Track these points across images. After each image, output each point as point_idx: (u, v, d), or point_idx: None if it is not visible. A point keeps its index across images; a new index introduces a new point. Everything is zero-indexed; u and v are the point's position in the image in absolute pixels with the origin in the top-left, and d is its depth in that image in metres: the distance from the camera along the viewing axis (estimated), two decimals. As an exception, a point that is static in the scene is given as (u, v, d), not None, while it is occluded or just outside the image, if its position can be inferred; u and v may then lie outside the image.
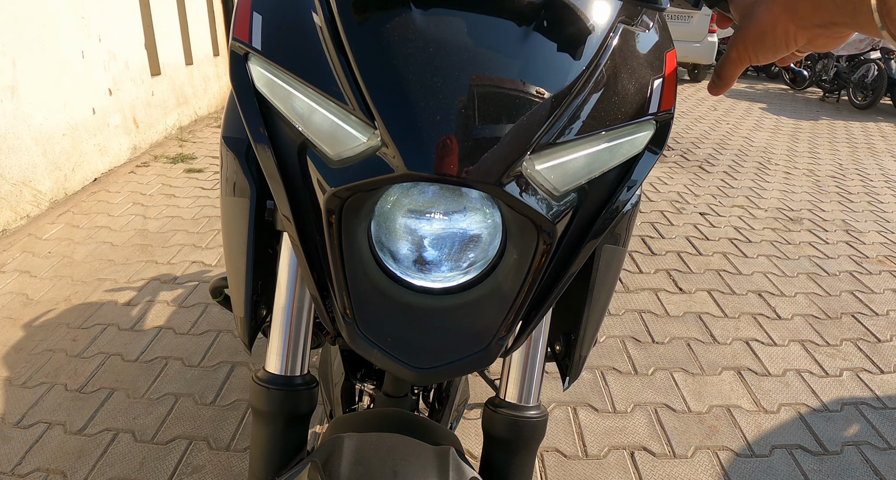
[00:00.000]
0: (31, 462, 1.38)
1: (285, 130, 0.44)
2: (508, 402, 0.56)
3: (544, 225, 0.41)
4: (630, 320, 2.09)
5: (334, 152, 0.41)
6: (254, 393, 0.54)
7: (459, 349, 0.44)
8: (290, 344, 0.53)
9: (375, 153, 0.39)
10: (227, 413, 1.53)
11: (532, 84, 0.39)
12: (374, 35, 0.39)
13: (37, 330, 1.93)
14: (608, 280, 0.57)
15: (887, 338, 2.09)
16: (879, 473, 1.47)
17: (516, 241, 0.43)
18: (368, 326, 0.44)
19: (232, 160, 0.54)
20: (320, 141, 0.41)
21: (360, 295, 0.44)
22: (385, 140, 0.38)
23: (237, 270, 0.55)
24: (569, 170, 0.41)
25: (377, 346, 0.43)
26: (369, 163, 0.39)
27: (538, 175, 0.40)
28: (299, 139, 0.43)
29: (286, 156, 0.44)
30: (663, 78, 0.47)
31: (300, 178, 0.44)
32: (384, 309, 0.44)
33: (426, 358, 0.44)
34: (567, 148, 0.41)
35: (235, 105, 0.58)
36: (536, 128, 0.39)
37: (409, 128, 0.37)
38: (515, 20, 0.41)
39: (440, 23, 0.39)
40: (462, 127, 0.37)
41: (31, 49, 2.82)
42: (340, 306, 0.43)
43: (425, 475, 0.44)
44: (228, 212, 0.56)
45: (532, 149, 0.39)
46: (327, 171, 0.40)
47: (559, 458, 1.44)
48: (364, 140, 0.40)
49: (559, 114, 0.40)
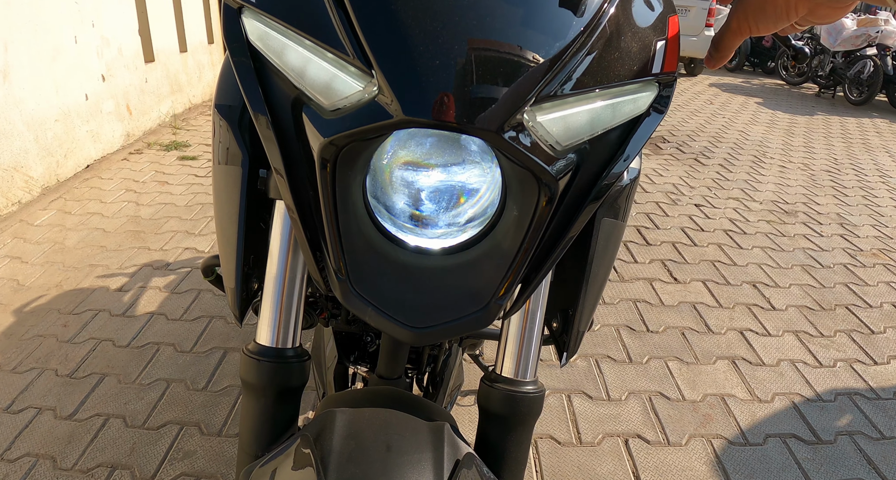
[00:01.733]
0: (20, 447, 1.37)
1: (279, 86, 0.43)
2: (505, 377, 0.55)
3: (545, 178, 0.39)
4: (625, 309, 2.09)
5: (330, 102, 0.40)
6: (244, 366, 0.52)
7: (457, 308, 0.43)
8: (281, 315, 0.52)
9: (373, 100, 0.38)
10: (219, 399, 1.52)
11: (535, 34, 0.38)
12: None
13: (27, 315, 1.91)
14: (607, 254, 0.56)
15: (881, 330, 2.10)
16: (872, 463, 1.48)
17: (516, 197, 0.42)
18: (363, 284, 0.43)
19: (225, 128, 0.53)
20: (316, 92, 0.40)
21: (354, 253, 0.42)
22: (382, 86, 0.37)
23: (228, 239, 0.54)
24: (571, 124, 0.40)
25: (371, 305, 0.42)
26: (366, 111, 0.38)
27: (540, 127, 0.39)
28: (293, 94, 0.42)
29: (280, 113, 0.42)
30: (666, 40, 0.45)
31: (294, 135, 0.42)
32: (379, 268, 0.43)
33: (423, 318, 0.43)
34: (569, 101, 0.40)
35: (228, 72, 0.57)
36: (539, 78, 0.38)
37: (407, 74, 0.36)
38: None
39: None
40: (462, 73, 0.36)
41: (23, 33, 2.78)
42: (334, 263, 0.42)
43: (419, 450, 0.43)
44: (220, 180, 0.55)
45: (534, 99, 0.38)
46: (322, 122, 0.39)
47: (553, 445, 1.44)
48: (361, 87, 0.39)
49: (561, 67, 0.39)
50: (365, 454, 0.41)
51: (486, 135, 0.37)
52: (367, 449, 0.42)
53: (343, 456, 0.41)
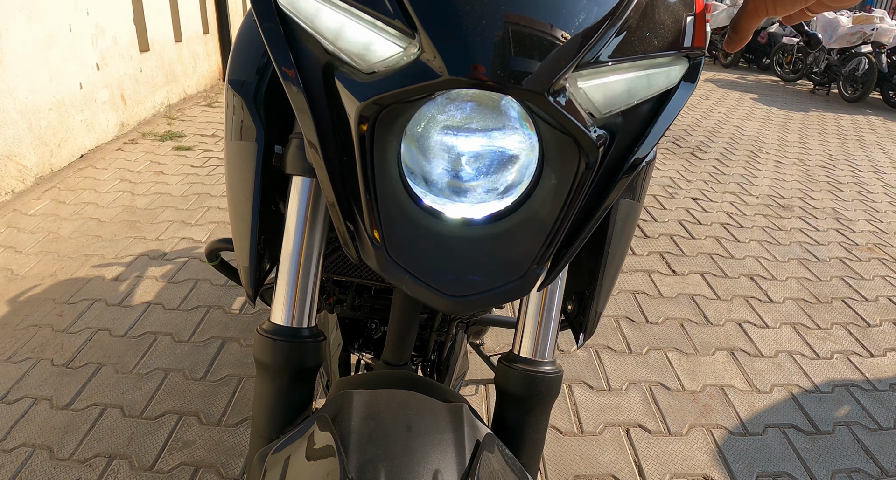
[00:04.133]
0: (16, 438, 1.35)
1: (310, 51, 0.41)
2: (523, 357, 0.55)
3: (586, 143, 0.39)
4: (624, 300, 2.09)
5: (367, 64, 0.38)
6: (258, 346, 0.51)
7: (494, 278, 0.42)
8: (297, 294, 0.51)
9: (416, 59, 0.37)
10: (218, 389, 1.51)
11: (576, 2, 0.37)
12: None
13: (22, 305, 1.88)
14: (625, 233, 0.56)
15: (877, 323, 2.11)
16: (870, 453, 1.49)
17: (555, 165, 0.41)
18: (399, 252, 0.41)
19: (239, 103, 0.51)
20: (353, 55, 0.39)
21: (390, 221, 0.41)
22: (426, 46, 0.36)
23: (242, 216, 0.53)
24: (610, 92, 0.40)
25: (409, 273, 0.41)
26: (409, 71, 0.37)
27: (581, 93, 0.39)
28: (325, 59, 0.41)
29: (310, 79, 0.41)
30: (695, 15, 0.45)
31: (325, 103, 0.41)
32: (415, 236, 0.42)
33: (460, 287, 0.42)
34: (609, 69, 0.40)
35: (242, 47, 0.55)
36: (582, 43, 0.37)
37: (453, 33, 0.35)
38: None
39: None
40: (507, 35, 0.36)
41: (16, 20, 2.73)
42: (370, 231, 0.41)
43: (440, 430, 0.42)
44: (234, 156, 0.53)
45: (577, 65, 0.37)
46: (358, 86, 0.38)
47: (555, 434, 1.43)
48: (402, 48, 0.37)
49: (602, 35, 0.38)
50: (385, 434, 0.41)
51: (532, 97, 0.37)
52: (388, 430, 0.41)
53: (363, 437, 0.40)
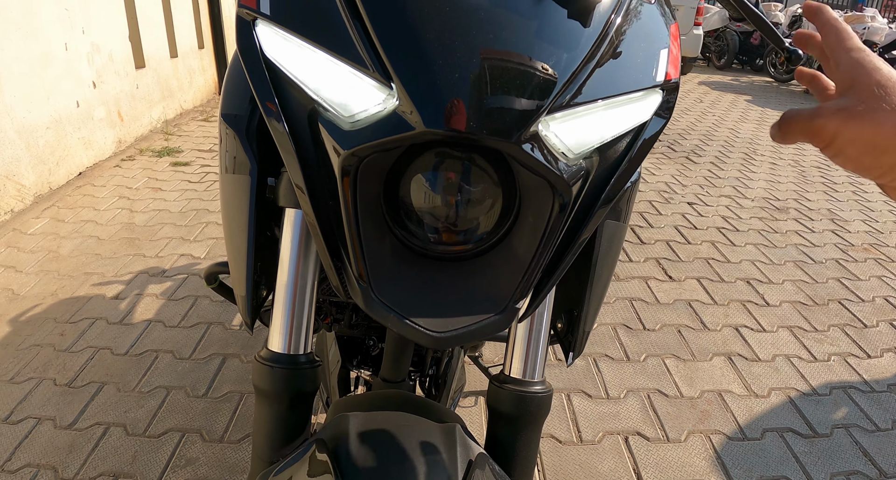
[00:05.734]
0: (21, 458, 1.36)
1: (295, 97, 0.43)
2: (513, 378, 0.56)
3: (559, 185, 0.40)
4: (621, 308, 2.11)
5: (349, 114, 0.40)
6: (257, 372, 0.53)
7: (476, 313, 0.44)
8: (292, 322, 0.52)
9: (393, 112, 0.39)
10: (220, 405, 1.52)
11: (546, 47, 0.39)
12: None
13: (23, 325, 1.89)
14: (611, 254, 0.57)
15: (873, 324, 2.13)
16: (868, 454, 1.50)
17: (531, 204, 0.43)
18: (384, 290, 0.43)
19: (232, 137, 0.53)
20: (334, 105, 0.41)
21: (374, 260, 0.43)
22: (402, 98, 0.38)
23: (238, 247, 0.54)
24: (582, 133, 0.41)
25: (393, 311, 0.43)
26: (386, 123, 0.38)
27: (553, 136, 0.40)
28: (310, 106, 0.42)
29: (296, 124, 0.43)
30: (668, 48, 0.47)
31: (312, 147, 0.43)
32: (399, 274, 0.44)
33: (443, 323, 0.43)
34: (580, 111, 0.41)
35: (233, 81, 0.57)
36: (551, 89, 0.39)
37: (426, 86, 0.37)
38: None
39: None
40: (479, 85, 0.37)
41: (12, 40, 2.76)
42: (355, 270, 0.43)
43: (433, 452, 0.44)
44: (229, 189, 0.55)
45: (548, 109, 0.39)
46: (342, 134, 0.40)
47: (555, 444, 1.45)
48: (381, 100, 0.39)
49: (572, 78, 0.40)
50: (380, 456, 0.42)
51: (503, 146, 0.38)
52: (382, 453, 0.43)
53: (359, 460, 0.42)
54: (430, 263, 0.44)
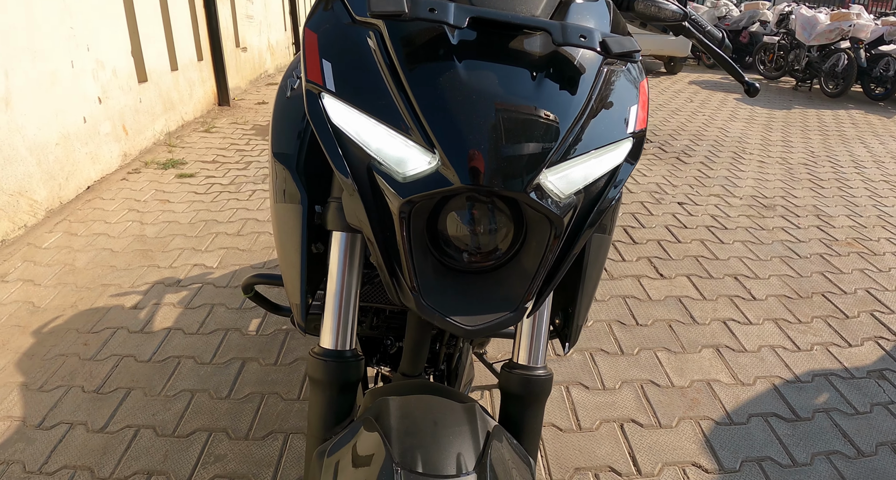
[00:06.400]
0: (57, 461, 1.45)
1: (356, 153, 0.54)
2: (521, 364, 0.68)
3: (555, 220, 0.53)
4: (615, 305, 2.22)
5: (402, 171, 0.52)
6: (311, 365, 0.64)
7: (496, 311, 0.56)
8: (339, 323, 0.64)
9: (436, 170, 0.51)
10: (243, 406, 1.62)
11: (545, 119, 0.52)
12: (430, 81, 0.51)
13: (47, 336, 1.98)
14: (598, 262, 0.69)
15: (855, 315, 2.24)
16: (847, 436, 1.61)
17: (534, 231, 0.55)
18: (429, 297, 0.55)
19: (283, 172, 0.64)
20: (390, 163, 0.52)
21: (421, 275, 0.55)
22: (443, 162, 0.50)
23: (293, 264, 0.65)
24: (571, 179, 0.54)
25: (437, 311, 0.55)
26: (431, 179, 0.51)
27: (550, 184, 0.53)
28: (367, 160, 0.54)
29: (357, 173, 0.54)
30: (638, 104, 0.58)
31: (370, 191, 0.54)
32: (439, 285, 0.56)
33: (473, 319, 0.55)
34: (569, 163, 0.54)
35: (280, 122, 0.68)
36: (548, 152, 0.52)
37: (462, 154, 0.50)
38: (531, 69, 0.53)
39: (478, 73, 0.52)
40: (499, 153, 0.50)
41: (21, 60, 2.86)
42: (409, 282, 0.55)
43: (459, 424, 0.54)
44: (282, 216, 0.66)
45: (546, 166, 0.52)
46: (398, 185, 0.51)
47: (555, 432, 1.56)
48: (427, 160, 0.51)
49: (564, 140, 0.52)
50: (418, 429, 0.53)
51: (515, 195, 0.51)
52: (419, 426, 0.53)
53: (401, 432, 0.52)
54: (461, 275, 0.57)
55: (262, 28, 7.44)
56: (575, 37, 0.51)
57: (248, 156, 4.04)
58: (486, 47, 0.54)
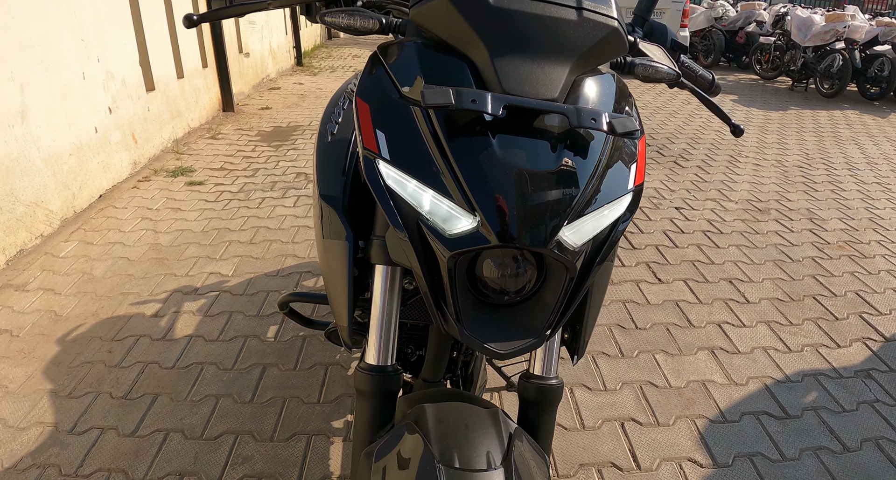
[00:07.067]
0: (91, 464, 1.53)
1: (407, 211, 0.64)
2: (536, 375, 0.79)
3: (569, 266, 0.64)
4: (616, 310, 2.32)
5: (448, 228, 0.62)
6: (358, 379, 0.75)
7: (522, 338, 0.67)
8: (381, 343, 0.74)
9: (476, 230, 0.61)
10: (266, 409, 1.72)
11: (563, 186, 0.62)
12: (471, 154, 0.62)
13: (71, 344, 2.07)
14: (602, 286, 0.80)
15: (844, 317, 2.34)
16: (834, 433, 1.71)
17: (553, 274, 0.67)
18: (470, 327, 0.66)
19: (329, 212, 0.74)
20: (438, 222, 0.62)
21: (464, 309, 0.66)
22: (483, 224, 0.61)
23: (341, 292, 0.76)
24: (582, 232, 0.64)
25: (476, 340, 0.65)
26: (473, 237, 0.61)
27: (566, 238, 0.63)
28: (416, 216, 0.64)
29: (408, 226, 0.64)
30: (636, 161, 0.68)
31: (419, 240, 0.64)
32: (477, 317, 0.67)
33: (504, 345, 0.66)
34: (581, 220, 0.64)
35: (325, 165, 0.79)
36: (566, 213, 0.63)
37: (498, 216, 0.60)
38: (552, 143, 0.64)
39: (510, 148, 0.62)
40: (527, 216, 0.61)
41: (36, 74, 2.94)
42: (453, 316, 0.65)
43: (485, 426, 0.65)
44: (329, 250, 0.76)
45: (565, 223, 0.63)
46: (445, 241, 0.62)
47: (561, 431, 1.66)
48: (469, 222, 0.61)
49: (578, 202, 0.63)
50: (452, 432, 0.63)
51: (539, 249, 0.62)
52: (453, 429, 0.63)
53: (438, 434, 0.62)
54: (494, 309, 0.68)
55: (264, 33, 7.53)
56: (587, 120, 0.60)
57: (255, 163, 4.13)
58: (515, 125, 0.64)
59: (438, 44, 0.70)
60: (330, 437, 1.63)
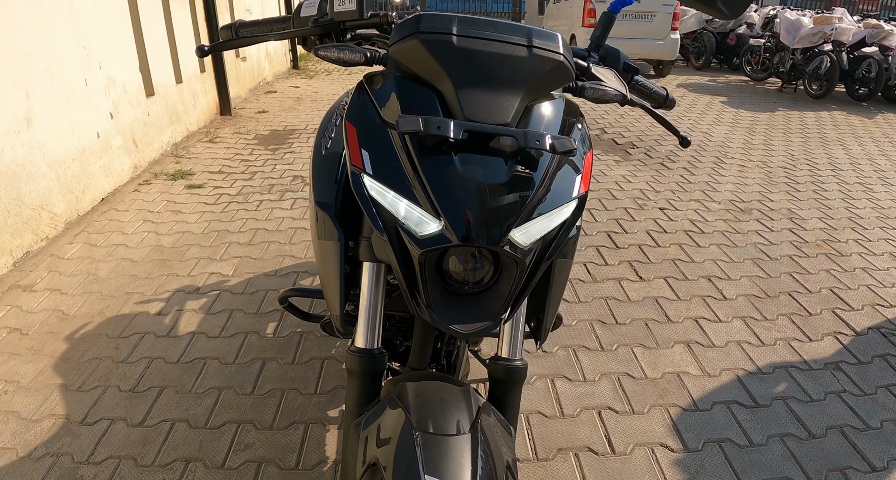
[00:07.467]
0: (102, 452, 1.64)
1: (386, 216, 0.77)
2: (503, 357, 0.90)
3: (520, 263, 0.77)
4: (597, 306, 2.43)
5: (419, 230, 0.75)
6: (349, 360, 0.86)
7: (482, 321, 0.79)
8: (369, 329, 0.86)
9: (441, 232, 0.74)
10: (266, 400, 1.83)
11: (513, 195, 0.75)
12: (437, 169, 0.74)
13: (79, 341, 2.17)
14: (561, 280, 0.91)
15: (817, 312, 2.46)
16: (801, 421, 1.82)
17: (507, 268, 0.79)
18: (438, 311, 0.78)
19: (323, 216, 0.86)
20: (411, 226, 0.75)
21: (434, 297, 0.78)
22: (447, 226, 0.73)
23: (334, 286, 0.88)
24: (530, 234, 0.77)
25: (443, 322, 0.77)
26: (440, 237, 0.74)
27: (516, 239, 0.76)
28: (394, 221, 0.77)
29: (387, 228, 0.77)
30: (582, 173, 0.80)
31: (397, 241, 0.77)
32: (444, 303, 0.79)
33: (467, 327, 0.78)
34: (529, 223, 0.77)
35: (320, 175, 0.91)
36: (515, 217, 0.75)
37: (459, 221, 0.73)
38: (504, 159, 0.76)
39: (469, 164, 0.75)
40: (483, 221, 0.73)
41: (41, 81, 3.04)
42: (424, 302, 0.78)
43: (458, 401, 0.76)
44: (323, 250, 0.88)
45: (514, 227, 0.75)
46: (417, 241, 0.75)
47: (541, 419, 1.77)
48: (436, 225, 0.74)
49: (525, 208, 0.76)
50: (429, 404, 0.74)
51: (494, 248, 0.74)
52: (429, 401, 0.75)
53: (416, 406, 0.74)
54: (458, 296, 0.80)
55: (261, 37, 7.61)
56: (532, 142, 0.72)
57: (253, 166, 4.23)
58: (474, 145, 0.76)
59: (412, 76, 0.82)
60: (326, 425, 1.74)
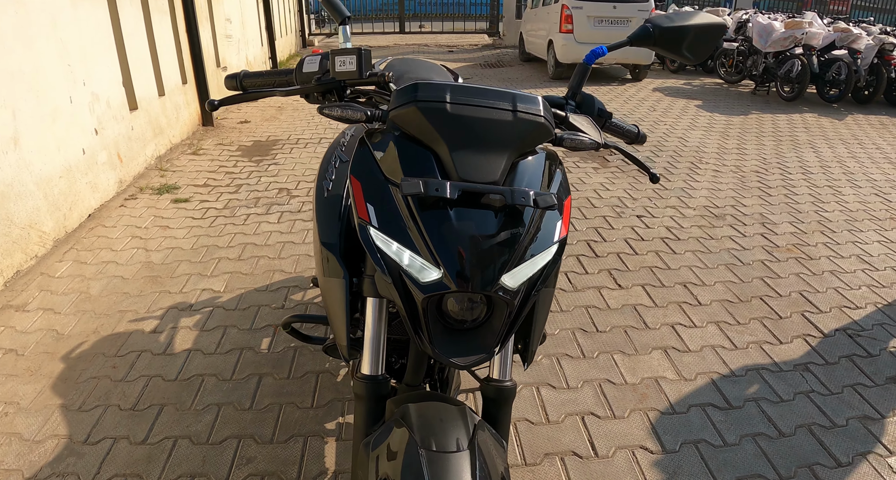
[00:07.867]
0: (108, 471, 1.68)
1: (390, 263, 0.86)
2: (495, 378, 1.00)
3: (509, 303, 0.86)
4: (578, 314, 2.54)
5: (421, 277, 0.84)
6: (356, 386, 0.96)
7: (477, 353, 0.88)
8: (373, 358, 0.95)
9: (440, 279, 0.83)
10: (265, 415, 1.90)
11: (503, 245, 0.84)
12: (436, 224, 0.83)
13: (76, 361, 2.21)
14: (545, 307, 1.02)
15: (787, 315, 2.59)
16: (772, 420, 1.94)
17: (498, 307, 0.88)
18: (440, 347, 0.87)
19: (329, 255, 0.95)
20: (414, 273, 0.84)
21: (435, 333, 0.87)
22: (445, 274, 0.83)
23: (340, 319, 0.97)
24: (518, 277, 0.86)
25: (444, 356, 0.86)
26: (439, 283, 0.83)
27: (506, 283, 0.85)
28: (398, 268, 0.85)
29: (392, 273, 0.86)
30: (561, 220, 0.90)
31: (401, 284, 0.86)
32: (445, 339, 0.88)
33: (465, 360, 0.87)
34: (518, 269, 0.86)
35: (325, 216, 0.99)
36: (504, 267, 0.85)
37: (456, 271, 0.82)
38: (495, 213, 0.86)
39: (464, 219, 0.84)
40: (478, 269, 0.83)
41: (27, 100, 3.06)
42: (426, 339, 0.87)
43: (456, 419, 0.85)
44: (330, 286, 0.97)
45: (504, 273, 0.84)
46: (419, 286, 0.84)
47: (528, 425, 1.86)
48: (436, 273, 0.83)
49: (513, 256, 0.85)
50: (430, 423, 0.83)
51: (487, 292, 0.84)
52: (430, 421, 0.84)
53: (420, 426, 0.83)
54: (456, 332, 0.89)
55: (241, 46, 7.64)
56: (518, 199, 0.83)
57: (238, 179, 4.27)
58: (468, 202, 0.86)
59: (410, 137, 0.91)
60: (324, 438, 1.82)
